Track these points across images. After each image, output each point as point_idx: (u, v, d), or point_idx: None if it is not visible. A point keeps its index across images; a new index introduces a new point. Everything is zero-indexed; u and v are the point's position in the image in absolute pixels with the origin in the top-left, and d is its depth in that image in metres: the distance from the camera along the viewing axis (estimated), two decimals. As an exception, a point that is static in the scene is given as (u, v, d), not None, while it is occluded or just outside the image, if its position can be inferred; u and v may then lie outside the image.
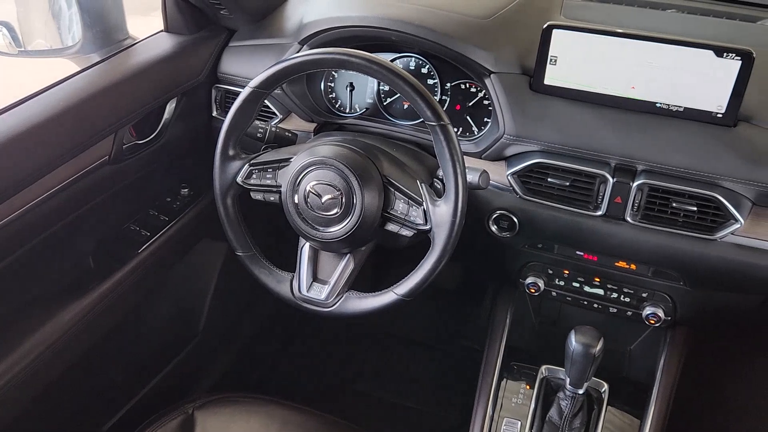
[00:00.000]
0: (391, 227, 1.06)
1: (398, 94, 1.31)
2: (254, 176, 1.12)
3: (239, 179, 1.12)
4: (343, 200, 1.04)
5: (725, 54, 1.03)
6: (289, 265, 1.17)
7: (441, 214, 1.01)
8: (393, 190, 1.05)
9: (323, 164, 1.05)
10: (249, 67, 1.37)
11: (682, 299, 1.24)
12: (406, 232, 1.05)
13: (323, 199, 1.05)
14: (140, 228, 1.39)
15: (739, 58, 1.02)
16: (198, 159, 1.41)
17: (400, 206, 1.05)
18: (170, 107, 1.37)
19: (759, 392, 1.92)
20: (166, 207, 1.45)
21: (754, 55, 1.01)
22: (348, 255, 1.11)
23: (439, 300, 2.15)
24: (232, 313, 1.88)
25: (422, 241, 1.07)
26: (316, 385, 1.97)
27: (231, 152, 1.12)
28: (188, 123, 1.42)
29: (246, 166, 1.12)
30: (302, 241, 1.14)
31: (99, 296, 1.25)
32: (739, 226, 1.07)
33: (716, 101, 1.07)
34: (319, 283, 1.12)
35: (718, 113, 1.08)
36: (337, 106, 1.40)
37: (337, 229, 1.06)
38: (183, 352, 1.69)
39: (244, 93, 1.07)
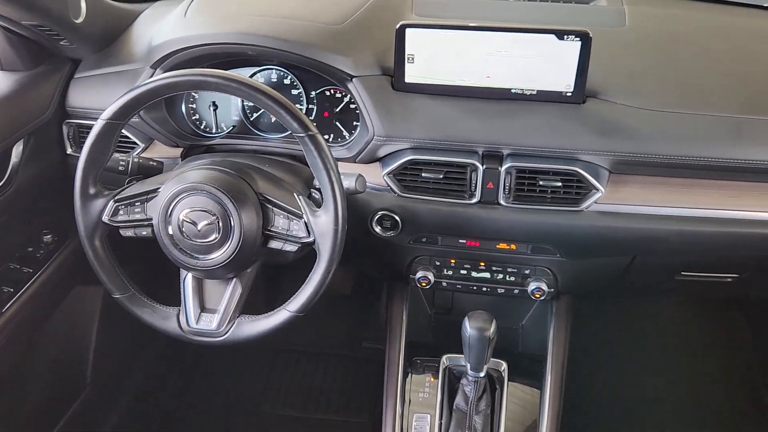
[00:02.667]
0: (275, 244, 1.04)
1: (264, 109, 1.28)
2: (121, 212, 1.06)
3: (105, 218, 1.06)
4: (221, 224, 1.01)
5: (566, 36, 1.10)
6: (178, 299, 1.12)
7: (322, 224, 1.00)
8: (271, 206, 1.03)
9: (194, 190, 1.01)
10: (100, 98, 1.29)
11: (561, 270, 1.31)
12: (291, 248, 1.04)
13: (199, 226, 1.01)
14: (1, 285, 1.27)
15: (578, 39, 1.09)
16: (58, 201, 1.31)
17: (280, 222, 1.03)
18: (17, 150, 1.26)
19: (639, 341, 2.09)
20: (29, 257, 1.34)
21: (591, 35, 1.08)
22: (234, 279, 1.08)
23: (336, 307, 2.14)
24: (120, 359, 1.78)
25: (311, 252, 1.06)
26: (222, 414, 1.90)
27: (92, 190, 1.05)
28: (41, 164, 1.32)
29: (111, 202, 1.05)
30: (183, 272, 1.09)
31: None
32: (600, 194, 1.15)
33: (564, 81, 1.14)
34: (208, 313, 1.08)
35: (567, 92, 1.14)
36: (202, 127, 1.35)
37: (218, 255, 1.02)
38: (71, 408, 1.57)
39: (97, 126, 1.01)
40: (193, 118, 1.35)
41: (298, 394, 1.94)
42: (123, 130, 1.20)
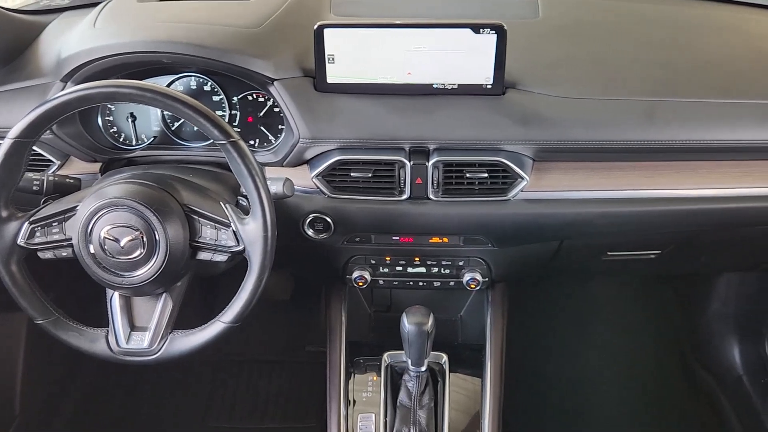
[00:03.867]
0: (203, 256, 1.02)
1: (185, 117, 1.25)
2: (38, 234, 1.01)
3: (21, 241, 1.01)
4: (145, 239, 0.97)
5: (482, 30, 1.11)
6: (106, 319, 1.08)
7: (251, 232, 0.98)
8: (197, 217, 1.01)
9: (114, 206, 0.98)
10: (7, 116, 1.22)
11: (494, 260, 1.34)
12: (220, 258, 1.02)
13: (122, 243, 0.97)
14: None
15: (494, 32, 1.11)
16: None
17: (207, 232, 1.01)
18: None
19: (575, 322, 2.15)
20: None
21: (506, 28, 1.10)
22: (164, 295, 1.05)
23: (276, 313, 2.12)
24: (53, 385, 1.70)
25: (245, 260, 1.04)
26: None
27: (4, 213, 1.00)
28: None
29: (26, 224, 1.01)
30: (109, 291, 1.05)
31: None
32: (526, 183, 1.17)
33: (484, 74, 1.16)
34: (139, 331, 1.05)
35: (487, 85, 1.16)
36: (121, 140, 1.30)
37: (144, 271, 0.99)
38: (2, 440, 1.50)
39: (4, 146, 0.96)
40: (111, 130, 1.30)
41: (243, 404, 1.91)
42: (35, 148, 1.15)
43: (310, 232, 1.24)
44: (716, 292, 1.90)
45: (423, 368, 1.22)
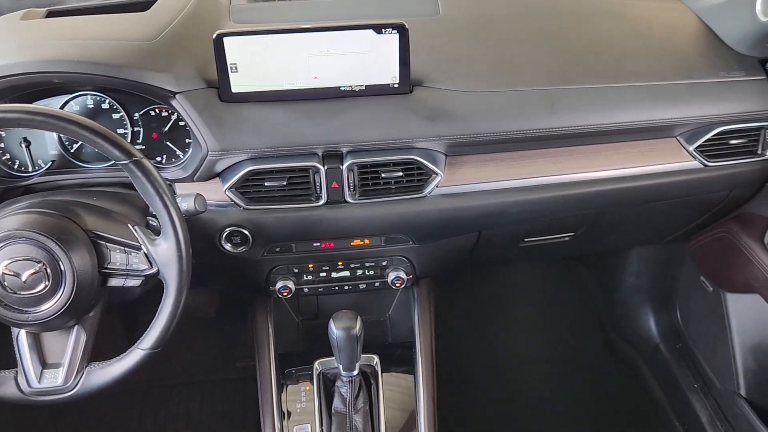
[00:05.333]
0: (115, 282, 0.98)
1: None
2: (-72, 277, 0.94)
3: None
4: (49, 271, 0.92)
5: (384, 30, 1.12)
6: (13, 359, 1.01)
7: (164, 252, 0.95)
8: (104, 242, 0.96)
9: (12, 239, 0.92)
10: None
11: (416, 257, 1.35)
12: (134, 282, 0.98)
13: (24, 277, 0.92)
14: None
15: (396, 31, 1.12)
16: None
17: (117, 258, 0.96)
18: None
19: (502, 308, 2.21)
20: None
21: (407, 27, 1.11)
22: (76, 327, 0.99)
23: (204, 331, 2.06)
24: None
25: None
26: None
27: None
28: None
29: None
30: (14, 330, 0.99)
31: None
32: (440, 178, 1.19)
33: (390, 74, 1.16)
34: (52, 368, 0.99)
35: (394, 84, 1.17)
36: (15, 167, 1.23)
37: (51, 305, 0.94)
38: None
39: None
40: (4, 158, 1.22)
41: (176, 429, 1.84)
42: None
43: (227, 246, 1.21)
44: (629, 266, 1.99)
45: (355, 372, 1.21)
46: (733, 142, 1.29)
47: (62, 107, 1.19)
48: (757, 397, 1.55)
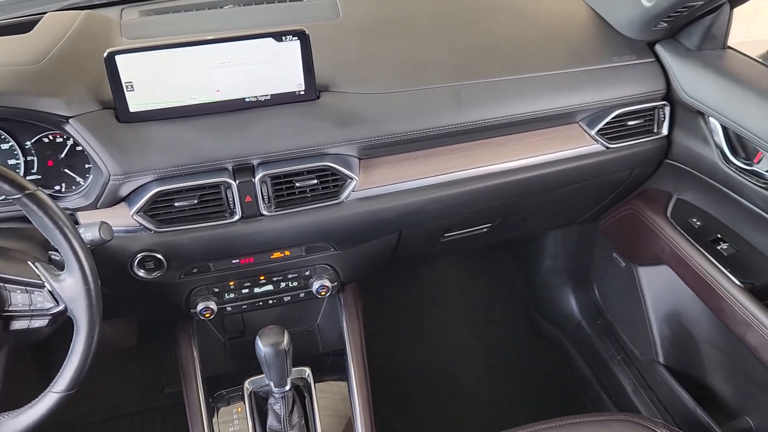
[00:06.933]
0: (19, 325, 0.91)
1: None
2: None
3: None
4: (-59, 321, 0.85)
5: (284, 37, 1.10)
6: None
7: (70, 288, 0.89)
8: (1, 284, 0.89)
9: None
10: None
11: (339, 263, 1.34)
12: (40, 323, 0.91)
13: None
14: None
15: (296, 38, 1.10)
16: None
17: (18, 298, 0.90)
18: None
19: (431, 304, 2.24)
20: None
21: (308, 33, 1.09)
22: (-21, 377, 0.92)
23: (127, 361, 1.97)
24: None
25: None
26: None
27: None
28: None
29: None
30: None
31: None
32: (356, 182, 1.18)
33: (295, 81, 1.14)
34: (-46, 427, 0.91)
35: (300, 91, 1.15)
36: None
37: (-53, 357, 0.86)
38: None
39: None
40: None
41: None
42: None
43: (141, 272, 1.15)
44: (546, 250, 2.06)
45: (287, 388, 1.18)
46: (630, 123, 1.35)
47: None
48: (675, 363, 1.64)
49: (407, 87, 1.21)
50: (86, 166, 1.17)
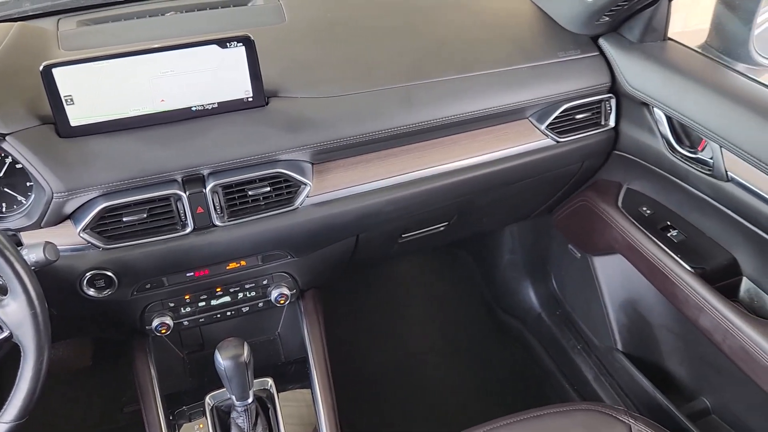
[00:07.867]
0: (-39, 354, 0.87)
1: None
2: None
3: None
4: None
5: (228, 44, 1.07)
6: None
7: (15, 313, 0.85)
8: (-60, 313, 0.85)
9: None
10: None
11: (297, 270, 1.32)
12: (-17, 351, 0.87)
13: None
14: None
15: (241, 44, 1.08)
16: None
17: (-41, 327, 0.86)
18: None
19: (392, 305, 2.23)
20: None
21: (252, 38, 1.08)
22: None
23: (83, 382, 1.90)
24: None
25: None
26: None
27: None
28: None
29: None
30: None
31: None
32: (309, 188, 1.17)
33: (242, 88, 1.12)
34: None
35: (248, 98, 1.13)
36: None
37: None
38: None
39: None
40: None
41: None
42: None
43: (91, 291, 1.11)
44: (503, 245, 2.08)
45: (249, 400, 1.16)
46: (578, 116, 1.37)
47: None
48: (633, 350, 1.67)
49: (357, 89, 1.20)
50: (27, 184, 1.12)
